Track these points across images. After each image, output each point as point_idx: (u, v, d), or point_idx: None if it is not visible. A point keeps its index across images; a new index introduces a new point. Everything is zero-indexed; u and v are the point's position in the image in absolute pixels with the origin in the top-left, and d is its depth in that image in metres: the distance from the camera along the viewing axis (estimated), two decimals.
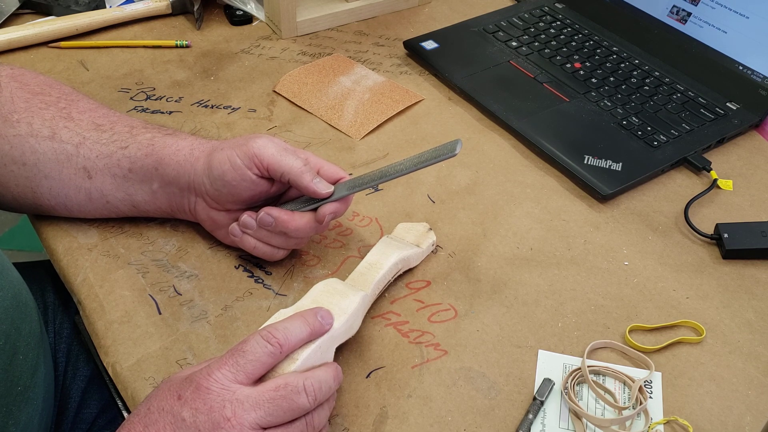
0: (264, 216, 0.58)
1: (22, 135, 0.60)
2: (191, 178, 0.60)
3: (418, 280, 0.63)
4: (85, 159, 0.61)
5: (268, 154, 0.57)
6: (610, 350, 0.59)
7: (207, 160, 0.59)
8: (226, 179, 0.57)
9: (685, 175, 0.76)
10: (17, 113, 0.61)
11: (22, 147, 0.60)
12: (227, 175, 0.57)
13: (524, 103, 0.82)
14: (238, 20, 0.96)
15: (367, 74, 0.87)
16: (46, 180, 0.61)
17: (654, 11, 0.90)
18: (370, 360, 0.57)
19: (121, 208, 0.63)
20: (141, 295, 0.61)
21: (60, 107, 0.62)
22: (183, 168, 0.60)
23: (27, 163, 0.61)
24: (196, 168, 0.59)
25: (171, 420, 0.44)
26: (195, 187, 0.60)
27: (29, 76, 0.64)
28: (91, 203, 0.63)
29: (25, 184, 0.61)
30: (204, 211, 0.61)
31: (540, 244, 0.67)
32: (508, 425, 0.53)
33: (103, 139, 0.61)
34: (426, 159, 0.57)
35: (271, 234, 0.60)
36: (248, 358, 0.46)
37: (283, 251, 0.62)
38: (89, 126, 0.62)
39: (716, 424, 0.54)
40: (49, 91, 0.63)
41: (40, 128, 0.61)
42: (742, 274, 0.65)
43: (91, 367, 0.71)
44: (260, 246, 0.60)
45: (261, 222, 0.58)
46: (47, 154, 0.61)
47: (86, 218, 0.66)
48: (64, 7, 0.94)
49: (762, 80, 0.81)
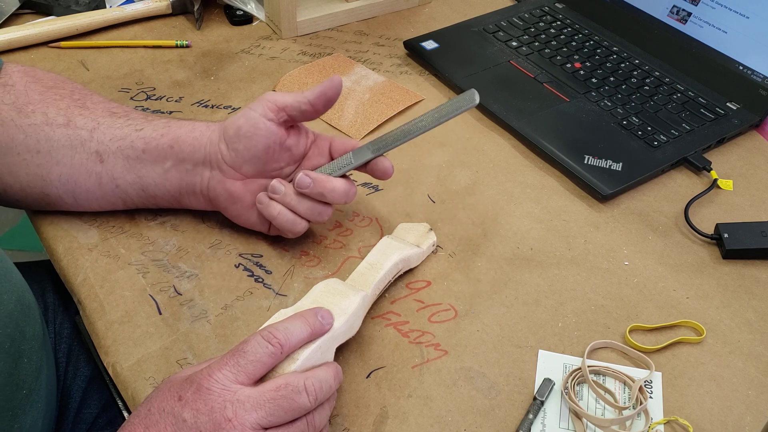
0: (302, 177, 0.59)
1: (38, 124, 0.61)
2: (207, 150, 0.61)
3: (418, 280, 0.63)
4: (98, 143, 0.62)
5: (281, 96, 0.59)
6: (610, 350, 0.59)
7: (222, 127, 0.61)
8: (242, 132, 0.59)
9: (685, 175, 0.76)
10: (32, 104, 0.62)
11: (36, 135, 0.61)
12: (243, 128, 0.59)
13: (524, 103, 0.82)
14: (238, 20, 0.96)
15: (367, 74, 0.87)
16: (58, 166, 0.62)
17: (654, 11, 0.90)
18: (371, 360, 0.57)
19: (129, 192, 0.63)
20: (141, 295, 0.61)
21: (74, 98, 0.63)
22: (199, 142, 0.61)
23: (41, 151, 0.61)
24: (212, 139, 0.61)
25: (172, 421, 0.44)
26: (211, 158, 0.61)
27: (41, 73, 0.65)
28: (100, 188, 0.63)
29: (36, 172, 0.62)
30: (219, 185, 0.61)
31: (540, 244, 0.67)
32: (509, 425, 0.53)
33: (118, 123, 0.62)
34: (447, 113, 0.57)
35: (300, 199, 0.60)
36: (249, 359, 0.46)
37: (304, 223, 0.61)
38: (104, 113, 0.63)
39: (716, 424, 0.54)
40: (63, 85, 0.65)
41: (56, 117, 0.62)
42: (742, 274, 0.65)
43: (91, 367, 0.71)
44: (284, 213, 0.60)
45: (299, 183, 0.59)
46: (61, 140, 0.61)
47: (87, 217, 0.66)
48: (64, 7, 0.94)
49: (762, 80, 0.81)
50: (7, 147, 0.61)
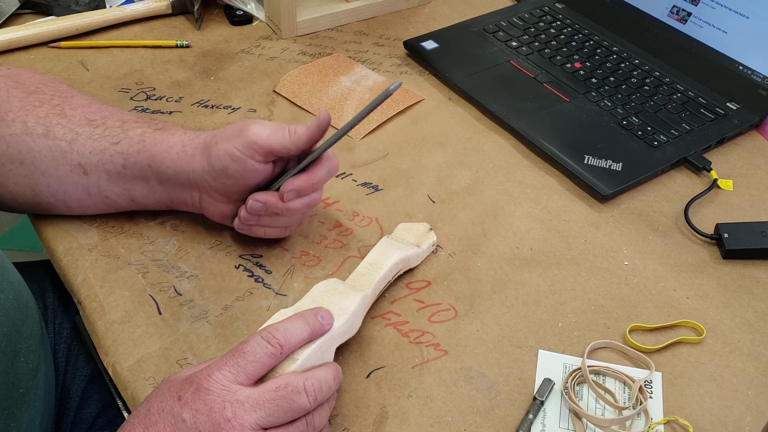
0: (252, 203, 0.59)
1: (18, 134, 0.61)
2: (190, 176, 0.60)
3: (418, 280, 0.63)
4: (79, 155, 0.61)
5: (265, 136, 0.57)
6: (610, 350, 0.59)
7: (204, 157, 0.59)
8: (230, 173, 0.58)
9: (685, 175, 0.76)
10: (12, 112, 0.61)
11: (18, 146, 0.60)
12: (230, 169, 0.58)
13: (524, 103, 0.82)
14: (238, 20, 0.96)
15: (367, 74, 0.87)
16: (44, 177, 0.61)
17: (654, 11, 0.90)
18: (370, 360, 0.57)
19: (120, 203, 0.63)
20: (141, 295, 0.61)
21: (53, 104, 0.63)
22: (179, 165, 0.60)
23: (24, 162, 0.61)
24: (193, 166, 0.59)
25: (171, 421, 0.44)
26: (197, 184, 0.60)
27: (25, 75, 0.65)
28: (90, 199, 0.63)
29: (24, 182, 0.61)
30: (212, 206, 0.62)
31: (540, 244, 0.67)
32: (508, 425, 0.53)
33: (96, 134, 0.61)
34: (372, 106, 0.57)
35: (271, 217, 0.60)
36: (248, 359, 0.46)
37: (291, 227, 0.63)
38: (81, 122, 0.62)
39: (716, 424, 0.54)
40: (44, 89, 0.64)
41: (35, 126, 0.61)
42: (742, 274, 0.65)
43: (91, 367, 0.71)
44: (269, 231, 0.62)
45: (251, 210, 0.59)
46: (42, 151, 0.61)
47: (87, 217, 0.66)
48: (64, 7, 0.94)
49: (762, 80, 0.81)
50: None
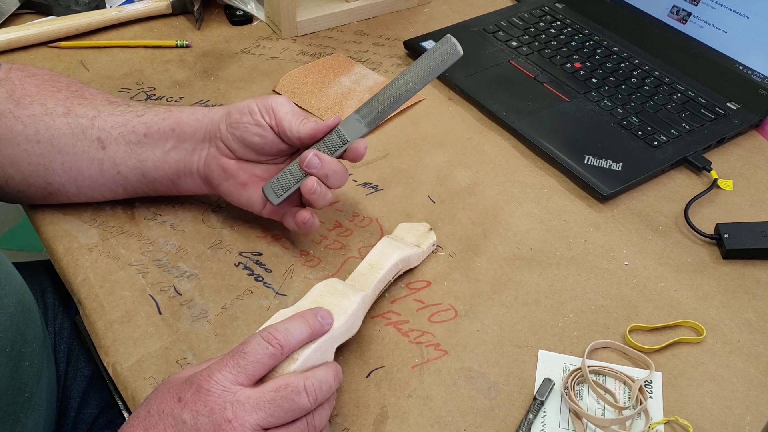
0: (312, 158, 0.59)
1: (37, 114, 0.62)
2: (207, 128, 0.62)
3: (418, 280, 0.63)
4: (99, 130, 0.62)
5: (282, 112, 0.60)
6: (610, 350, 0.59)
7: (226, 108, 0.62)
8: (242, 121, 0.60)
9: (685, 175, 0.76)
10: (30, 96, 0.62)
11: (36, 126, 0.62)
12: (243, 118, 0.60)
13: (524, 103, 0.82)
14: (238, 20, 0.96)
15: (367, 74, 0.87)
16: (60, 155, 0.62)
17: (654, 11, 0.90)
18: (370, 360, 0.57)
19: (130, 178, 0.64)
20: (141, 295, 0.61)
21: (72, 90, 0.65)
22: (201, 123, 0.62)
23: (41, 141, 0.62)
24: (213, 118, 0.62)
25: (171, 422, 0.44)
26: (210, 134, 0.62)
27: (35, 69, 0.66)
28: (102, 175, 0.63)
29: (38, 161, 0.62)
30: (214, 160, 0.62)
31: (540, 244, 0.67)
32: (508, 425, 0.53)
33: (119, 111, 0.64)
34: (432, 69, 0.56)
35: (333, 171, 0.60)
36: (249, 360, 0.46)
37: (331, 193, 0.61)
38: (103, 102, 0.64)
39: (716, 424, 0.54)
40: (59, 79, 0.66)
41: (55, 107, 0.62)
42: (742, 274, 0.65)
43: (91, 368, 0.71)
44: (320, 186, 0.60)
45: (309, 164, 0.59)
46: (62, 129, 0.62)
47: (87, 217, 0.66)
48: (64, 7, 0.94)
49: (762, 80, 0.81)
50: (6, 139, 0.61)
